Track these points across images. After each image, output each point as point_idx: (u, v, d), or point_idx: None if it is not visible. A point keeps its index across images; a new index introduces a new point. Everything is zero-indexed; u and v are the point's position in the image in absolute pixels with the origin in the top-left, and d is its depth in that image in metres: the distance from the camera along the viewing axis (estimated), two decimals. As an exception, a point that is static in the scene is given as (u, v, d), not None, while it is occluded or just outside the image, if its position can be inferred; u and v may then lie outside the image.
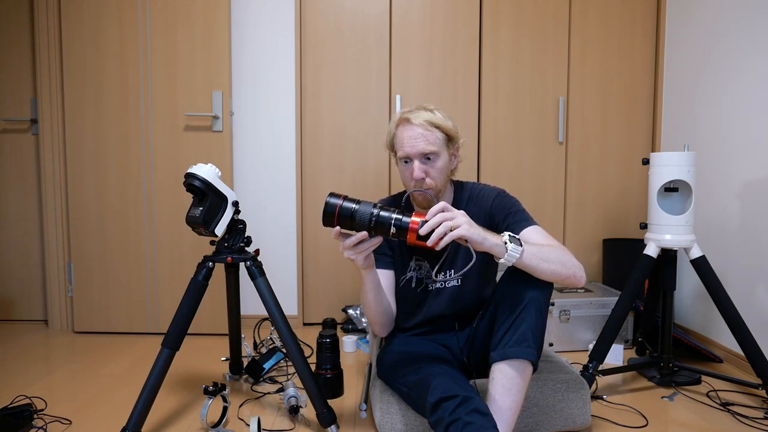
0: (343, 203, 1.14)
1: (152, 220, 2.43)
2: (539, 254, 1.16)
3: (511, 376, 1.17)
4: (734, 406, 1.69)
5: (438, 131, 1.35)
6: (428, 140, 1.33)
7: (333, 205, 1.14)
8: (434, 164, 1.35)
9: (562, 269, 1.18)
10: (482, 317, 1.40)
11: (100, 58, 2.39)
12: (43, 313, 2.67)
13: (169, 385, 1.85)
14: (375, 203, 1.16)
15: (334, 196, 1.15)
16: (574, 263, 1.21)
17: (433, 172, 1.35)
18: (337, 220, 1.14)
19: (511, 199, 1.42)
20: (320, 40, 2.54)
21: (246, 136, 2.57)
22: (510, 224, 1.34)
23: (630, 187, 2.68)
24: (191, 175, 1.45)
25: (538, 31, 2.58)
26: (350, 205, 1.14)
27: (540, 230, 1.32)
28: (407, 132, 1.35)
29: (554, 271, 1.18)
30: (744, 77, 2.03)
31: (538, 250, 1.17)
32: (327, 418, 1.45)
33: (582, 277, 1.21)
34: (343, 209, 1.14)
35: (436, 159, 1.35)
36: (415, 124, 1.34)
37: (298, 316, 2.62)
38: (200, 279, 1.50)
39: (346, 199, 1.15)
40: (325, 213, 1.14)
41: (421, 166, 1.34)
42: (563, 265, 1.19)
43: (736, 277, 2.06)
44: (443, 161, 1.36)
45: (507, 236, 1.13)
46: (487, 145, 2.60)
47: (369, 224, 1.14)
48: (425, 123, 1.33)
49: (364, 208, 1.14)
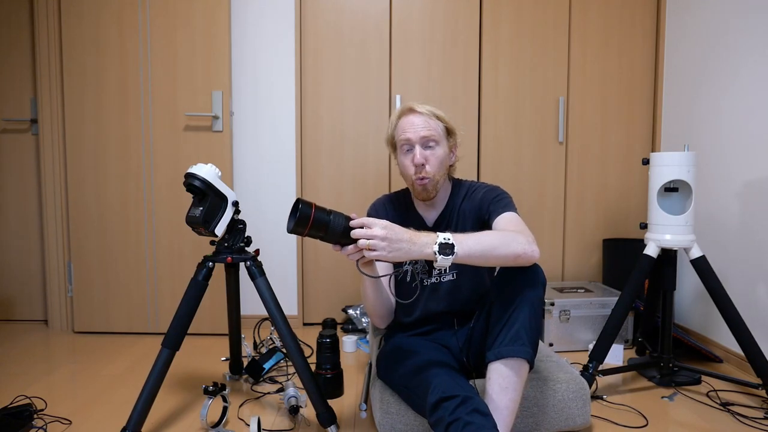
0: (316, 210, 1.10)
1: (152, 220, 2.43)
2: (478, 247, 1.12)
3: (507, 375, 1.18)
4: (734, 406, 1.69)
5: (439, 122, 1.41)
6: (429, 127, 1.39)
7: (306, 214, 1.08)
8: (434, 152, 1.40)
9: (507, 250, 1.14)
10: (479, 317, 1.41)
11: (100, 58, 2.39)
12: (43, 313, 2.67)
13: (169, 385, 1.85)
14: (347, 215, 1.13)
15: (304, 204, 1.09)
16: (520, 240, 1.16)
17: (432, 159, 1.39)
18: (309, 230, 1.10)
19: (499, 190, 1.45)
20: (320, 39, 2.54)
21: (246, 136, 2.57)
22: (491, 212, 1.37)
23: (630, 187, 2.68)
24: (191, 175, 1.45)
25: (538, 31, 2.57)
26: (324, 214, 1.10)
27: (512, 217, 1.33)
28: (410, 119, 1.41)
29: (499, 255, 1.14)
30: (744, 77, 2.03)
31: (476, 243, 1.12)
32: (327, 418, 1.45)
33: (533, 251, 1.16)
34: (318, 217, 1.09)
35: (436, 147, 1.40)
36: (419, 112, 1.40)
37: (298, 316, 2.62)
38: (200, 279, 1.50)
39: (316, 206, 1.11)
40: (300, 218, 1.09)
41: (423, 152, 1.39)
42: (507, 246, 1.14)
43: (736, 277, 2.06)
44: (442, 152, 1.41)
45: (437, 246, 1.09)
46: (487, 145, 2.60)
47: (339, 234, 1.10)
48: (428, 112, 1.40)
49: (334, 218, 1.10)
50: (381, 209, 1.56)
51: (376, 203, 1.59)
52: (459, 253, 1.10)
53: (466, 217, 1.46)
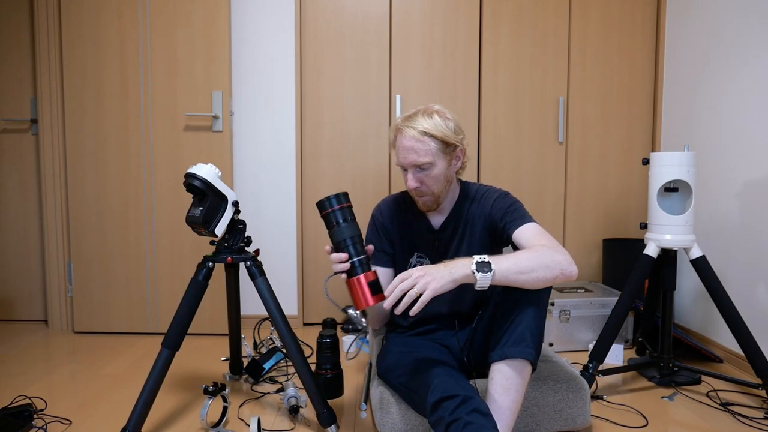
0: (334, 211, 1.21)
1: (152, 220, 2.43)
2: (515, 268, 1.12)
3: (510, 376, 1.17)
4: (734, 406, 1.69)
5: (432, 140, 1.32)
6: (419, 152, 1.31)
7: (325, 206, 1.21)
8: (429, 173, 1.34)
9: (546, 273, 1.14)
10: (482, 317, 1.40)
11: (100, 57, 2.39)
12: (43, 313, 2.67)
13: (169, 385, 1.85)
14: (354, 235, 1.20)
15: (337, 200, 1.21)
16: (559, 261, 1.16)
17: (428, 180, 1.35)
18: (324, 218, 1.22)
19: (511, 199, 1.42)
20: (320, 40, 2.54)
21: (246, 136, 2.57)
22: (507, 223, 1.34)
23: (630, 187, 2.68)
24: (191, 175, 1.45)
25: (538, 31, 2.58)
26: (335, 218, 1.20)
27: (534, 227, 1.31)
28: (401, 141, 1.35)
29: (537, 278, 1.14)
30: (744, 77, 2.03)
31: (514, 264, 1.13)
32: (327, 418, 1.45)
33: (572, 272, 1.17)
34: (329, 216, 1.21)
35: (430, 168, 1.34)
36: (407, 136, 1.32)
37: (298, 316, 2.62)
38: (200, 279, 1.50)
39: (341, 210, 1.21)
40: (320, 203, 1.22)
41: (416, 176, 1.35)
42: (546, 268, 1.14)
43: (736, 277, 2.06)
44: (439, 170, 1.35)
45: (474, 265, 1.10)
46: (486, 145, 2.60)
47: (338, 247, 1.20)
48: (417, 134, 1.31)
49: (342, 231, 1.20)
50: (386, 211, 1.53)
51: (382, 204, 1.56)
52: (496, 273, 1.09)
53: (474, 221, 1.44)
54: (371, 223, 1.56)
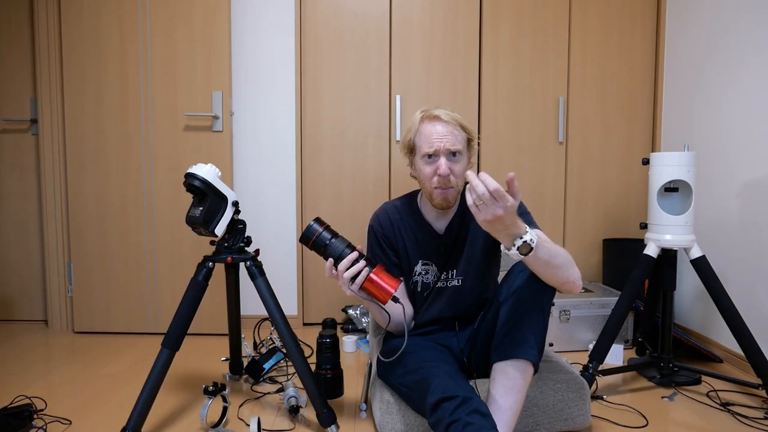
0: (322, 233, 1.26)
1: (152, 220, 2.43)
2: (547, 257, 1.12)
3: (512, 377, 1.17)
4: (734, 406, 1.69)
5: (461, 131, 1.35)
6: (455, 137, 1.33)
7: (312, 231, 1.27)
8: (457, 163, 1.34)
9: (564, 274, 1.16)
10: (483, 318, 1.40)
11: (100, 57, 2.39)
12: (43, 313, 2.67)
13: (169, 385, 1.85)
14: (349, 243, 1.26)
15: (318, 223, 1.28)
16: (574, 273, 1.18)
17: (456, 170, 1.33)
18: (312, 245, 1.27)
19: (521, 207, 1.40)
20: (320, 40, 2.54)
21: (246, 136, 2.57)
22: None
23: (630, 187, 2.68)
24: (191, 175, 1.45)
25: (538, 31, 2.57)
26: (326, 238, 1.26)
27: (544, 237, 1.30)
28: (435, 128, 1.33)
29: (557, 276, 1.15)
30: (744, 77, 2.03)
31: (548, 252, 1.12)
32: (327, 418, 1.45)
33: (578, 286, 1.20)
34: (320, 238, 1.26)
35: (459, 158, 1.34)
36: (445, 121, 1.33)
37: (298, 316, 2.62)
38: (200, 279, 1.50)
39: (327, 230, 1.27)
40: (303, 235, 1.28)
41: (447, 163, 1.32)
42: (566, 271, 1.16)
43: (736, 277, 2.06)
44: (464, 163, 1.35)
45: (529, 234, 1.08)
46: (487, 145, 2.60)
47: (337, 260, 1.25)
48: (453, 121, 1.34)
49: (338, 243, 1.25)
50: (385, 221, 1.48)
51: (379, 215, 1.50)
52: (532, 256, 1.08)
53: (478, 225, 1.42)
54: (371, 235, 1.50)
